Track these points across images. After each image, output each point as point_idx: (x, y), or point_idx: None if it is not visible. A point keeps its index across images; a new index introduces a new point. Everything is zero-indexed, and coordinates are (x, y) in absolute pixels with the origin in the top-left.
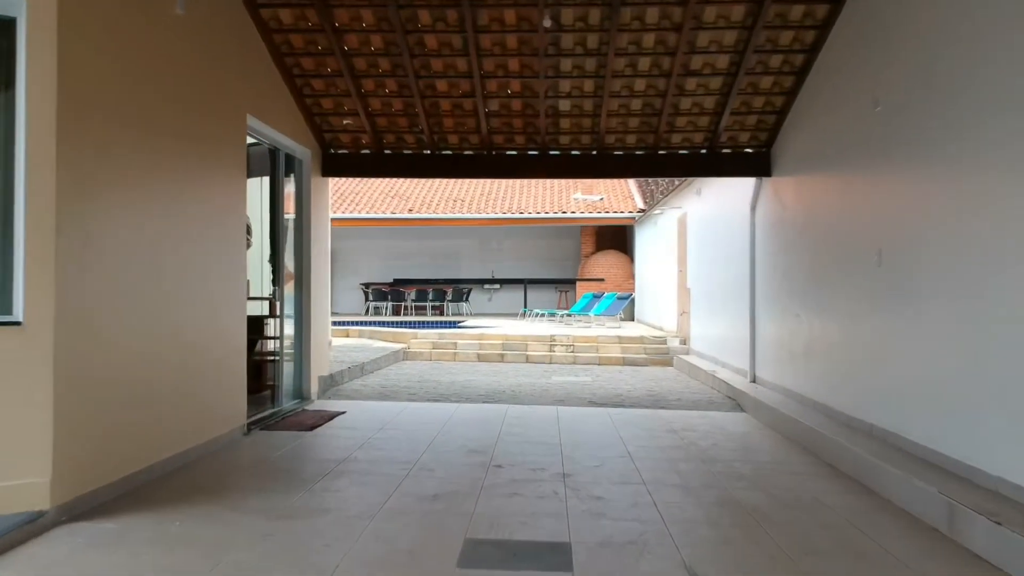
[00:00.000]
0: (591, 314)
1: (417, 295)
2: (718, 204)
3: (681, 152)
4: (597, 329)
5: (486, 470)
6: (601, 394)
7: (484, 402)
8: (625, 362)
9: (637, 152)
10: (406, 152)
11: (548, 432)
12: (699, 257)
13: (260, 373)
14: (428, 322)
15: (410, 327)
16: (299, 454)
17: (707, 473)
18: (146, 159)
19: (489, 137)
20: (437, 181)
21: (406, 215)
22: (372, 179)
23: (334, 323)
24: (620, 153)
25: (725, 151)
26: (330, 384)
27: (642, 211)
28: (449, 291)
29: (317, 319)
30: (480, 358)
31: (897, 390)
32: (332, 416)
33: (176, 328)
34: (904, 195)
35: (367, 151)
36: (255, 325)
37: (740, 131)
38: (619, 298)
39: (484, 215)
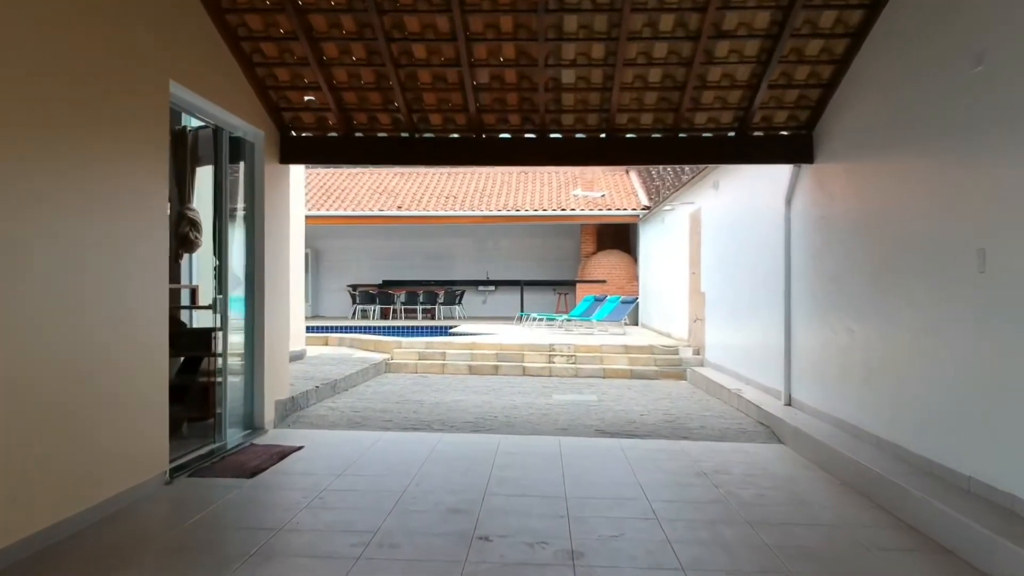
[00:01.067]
0: (593, 319)
1: (407, 297)
2: (741, 198)
3: (705, 135)
4: (600, 336)
5: (468, 545)
6: (610, 419)
7: (473, 430)
8: (633, 375)
9: (653, 135)
10: (381, 135)
11: (549, 477)
12: (716, 258)
13: (202, 399)
14: (417, 328)
15: (395, 334)
16: (226, 516)
17: (762, 548)
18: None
19: (478, 116)
20: (428, 177)
21: (395, 212)
22: (358, 174)
23: (313, 329)
24: (633, 136)
25: (757, 133)
26: (291, 409)
27: (647, 208)
28: (441, 293)
29: (274, 331)
30: (472, 370)
31: (1011, 436)
32: (284, 454)
33: (52, 345)
34: (1019, 181)
35: (335, 134)
36: (200, 340)
37: (777, 109)
38: (623, 302)
39: (478, 212)
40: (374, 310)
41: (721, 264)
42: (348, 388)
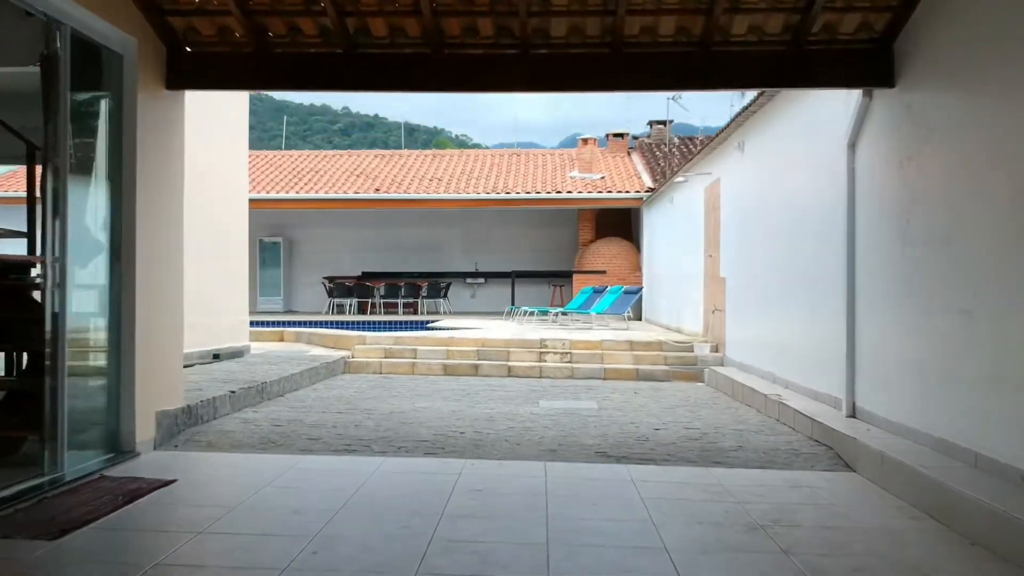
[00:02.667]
0: (591, 312)
1: (387, 291)
2: (776, 156)
3: (748, 48)
4: (600, 331)
5: None
6: (615, 435)
7: (427, 453)
8: (640, 376)
9: (676, 48)
10: (307, 51)
11: (526, 535)
12: (741, 236)
13: (16, 411)
14: (395, 323)
15: (366, 329)
16: None
17: None
18: None
19: (436, 24)
20: (411, 158)
21: (372, 195)
22: (334, 155)
23: (266, 324)
24: (649, 50)
25: (815, 47)
26: (186, 423)
27: (651, 190)
28: (424, 286)
29: (156, 320)
30: (447, 371)
31: None
32: (138, 494)
33: None
34: None
35: (248, 49)
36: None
37: (845, 12)
38: (626, 292)
39: (464, 196)
40: (351, 304)
41: (747, 243)
42: (283, 393)
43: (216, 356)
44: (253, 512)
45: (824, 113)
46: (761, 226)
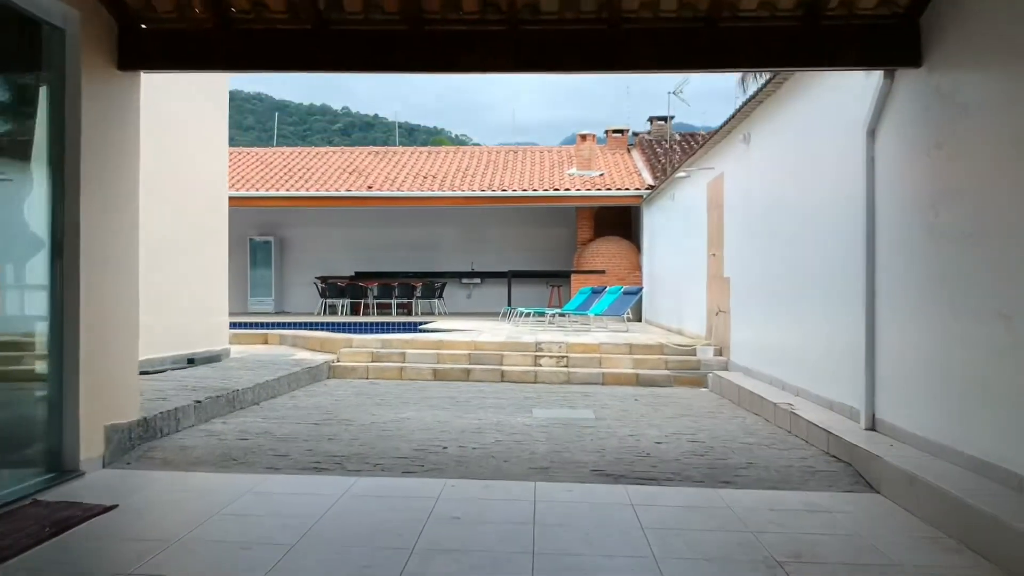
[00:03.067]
0: (590, 313)
1: (380, 291)
2: (785, 147)
3: (758, 24)
4: (598, 334)
5: None
6: (613, 450)
7: (404, 472)
8: (640, 381)
9: (680, 24)
10: (274, 27)
11: (511, 573)
12: (746, 233)
13: None
14: (388, 324)
15: (355, 331)
16: None
17: None
18: None
19: None
20: (405, 156)
21: (364, 193)
22: (326, 152)
23: (253, 326)
24: (650, 26)
25: (831, 23)
26: (143, 436)
27: (651, 188)
28: (418, 286)
29: (106, 322)
30: (437, 375)
31: None
32: (68, 524)
33: None
34: None
35: (209, 26)
36: None
37: None
38: (626, 293)
39: (459, 193)
40: (344, 305)
41: (753, 240)
42: (259, 401)
43: (191, 361)
44: (195, 547)
45: (839, 99)
46: (768, 222)
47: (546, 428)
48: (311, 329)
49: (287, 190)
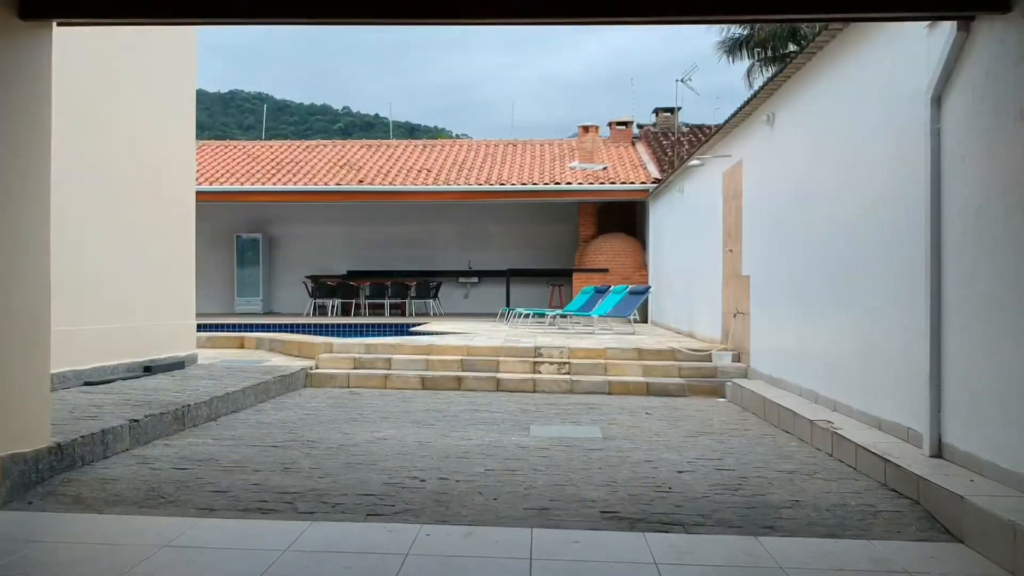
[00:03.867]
0: (593, 315)
1: (372, 291)
2: (819, 122)
3: None
4: (603, 336)
5: None
6: (626, 481)
7: (369, 514)
8: (651, 391)
9: None
10: None
11: None
12: (771, 226)
13: None
14: (379, 326)
15: (339, 333)
16: None
17: None
18: None
19: None
20: (399, 149)
21: (355, 187)
22: (316, 145)
23: (233, 327)
24: None
25: None
26: (56, 466)
27: (658, 181)
28: (412, 286)
29: (3, 327)
30: (425, 384)
31: None
32: None
33: None
34: None
35: None
36: None
37: None
38: (632, 292)
39: (455, 187)
40: (334, 305)
41: (779, 234)
42: (216, 416)
43: (148, 369)
44: None
45: (890, 63)
46: (798, 213)
47: (546, 451)
48: (297, 332)
49: (274, 184)
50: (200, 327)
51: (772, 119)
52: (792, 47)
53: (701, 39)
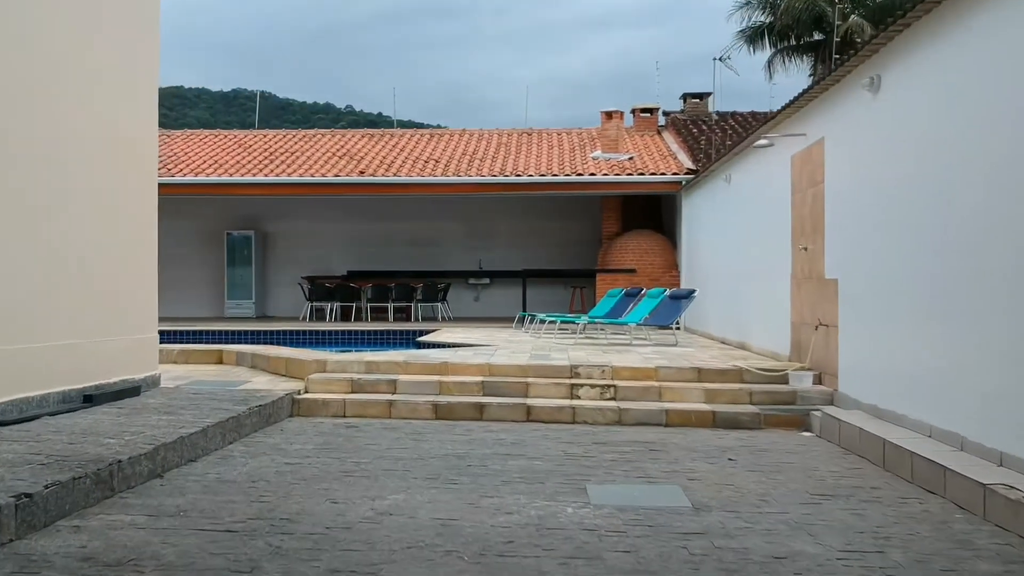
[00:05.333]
0: (627, 322)
1: (374, 293)
2: (967, 80)
3: None
4: (642, 350)
5: None
6: None
7: None
8: (718, 421)
9: None
10: None
11: None
12: (877, 216)
13: None
14: (380, 333)
15: (341, 341)
16: None
17: None
18: None
19: None
20: (404, 139)
21: (355, 179)
22: (315, 135)
23: (211, 335)
24: None
25: None
26: None
27: (692, 172)
28: (419, 288)
29: None
30: (438, 413)
31: None
32: None
33: None
34: None
35: None
36: None
37: None
38: (673, 297)
39: (466, 179)
40: (332, 309)
41: (890, 225)
42: (163, 471)
43: (89, 398)
44: None
45: None
46: (926, 197)
47: (622, 536)
48: (291, 339)
49: (266, 176)
50: (179, 336)
51: (876, 83)
52: (817, 35)
53: (711, 40)
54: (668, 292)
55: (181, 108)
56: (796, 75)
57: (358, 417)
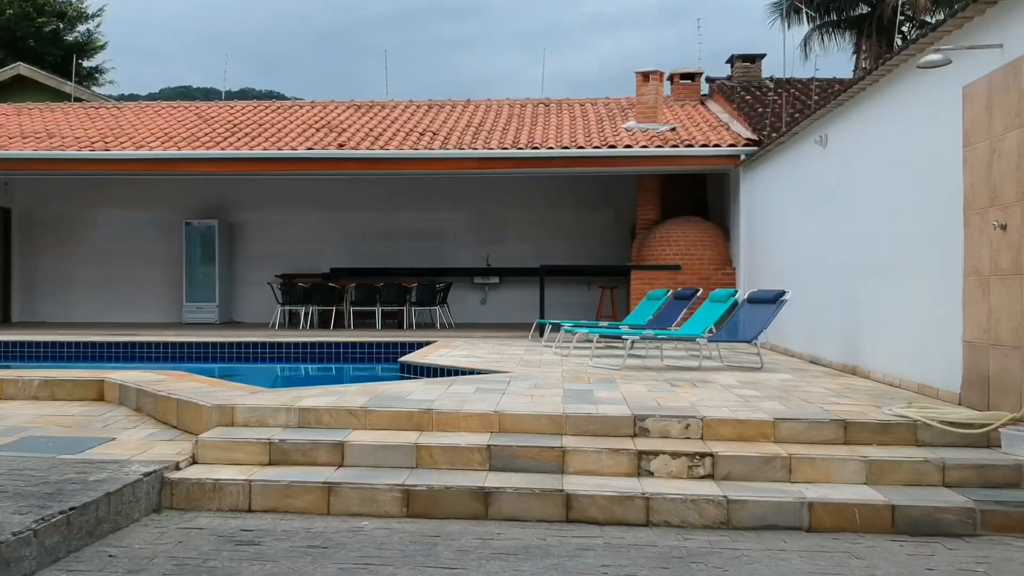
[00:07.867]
0: (680, 334)
1: (359, 294)
2: None
3: None
4: (726, 379)
5: None
6: None
7: None
8: (898, 524)
9: None
10: None
11: None
12: None
13: None
14: (362, 345)
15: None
16: None
17: None
18: None
19: None
20: (396, 110)
21: (333, 153)
22: (291, 106)
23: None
24: None
25: None
26: None
27: (752, 143)
28: (413, 288)
29: None
30: (411, 507)
31: None
32: None
33: None
34: None
35: None
36: None
37: None
38: (753, 301)
39: (470, 153)
40: (308, 314)
41: None
42: None
43: None
44: None
45: None
46: None
47: None
48: (244, 358)
49: (222, 149)
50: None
51: None
52: (864, 8)
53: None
54: (748, 295)
55: None
56: (836, 55)
57: (270, 514)
